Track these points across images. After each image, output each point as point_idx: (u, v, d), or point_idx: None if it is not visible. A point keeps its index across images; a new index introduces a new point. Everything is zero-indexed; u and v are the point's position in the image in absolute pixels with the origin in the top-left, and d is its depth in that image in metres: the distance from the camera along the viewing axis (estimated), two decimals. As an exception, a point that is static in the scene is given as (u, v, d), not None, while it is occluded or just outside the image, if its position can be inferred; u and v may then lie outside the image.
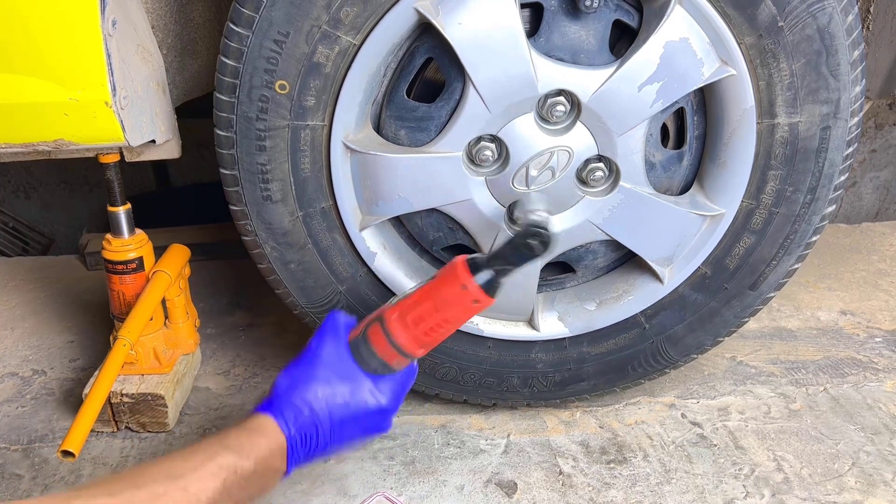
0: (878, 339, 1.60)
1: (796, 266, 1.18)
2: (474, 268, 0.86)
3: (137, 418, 1.29)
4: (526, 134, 1.03)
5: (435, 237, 1.17)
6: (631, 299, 1.21)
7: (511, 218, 1.07)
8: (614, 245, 1.18)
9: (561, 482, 1.19)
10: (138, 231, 1.29)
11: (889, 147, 2.35)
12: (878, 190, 2.42)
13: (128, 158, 1.20)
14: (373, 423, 0.93)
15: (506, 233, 1.11)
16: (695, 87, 1.02)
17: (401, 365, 0.93)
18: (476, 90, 0.99)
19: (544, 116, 1.03)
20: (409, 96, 1.07)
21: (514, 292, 1.17)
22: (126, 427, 1.31)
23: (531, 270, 1.15)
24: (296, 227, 1.11)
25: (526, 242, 0.85)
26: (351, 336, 0.93)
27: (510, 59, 0.97)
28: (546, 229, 0.86)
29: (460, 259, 0.88)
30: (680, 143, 1.14)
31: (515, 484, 1.18)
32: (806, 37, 0.99)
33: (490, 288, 0.86)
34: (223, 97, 1.01)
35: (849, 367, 1.49)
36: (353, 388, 0.91)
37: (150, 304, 1.24)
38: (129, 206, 1.27)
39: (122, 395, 1.27)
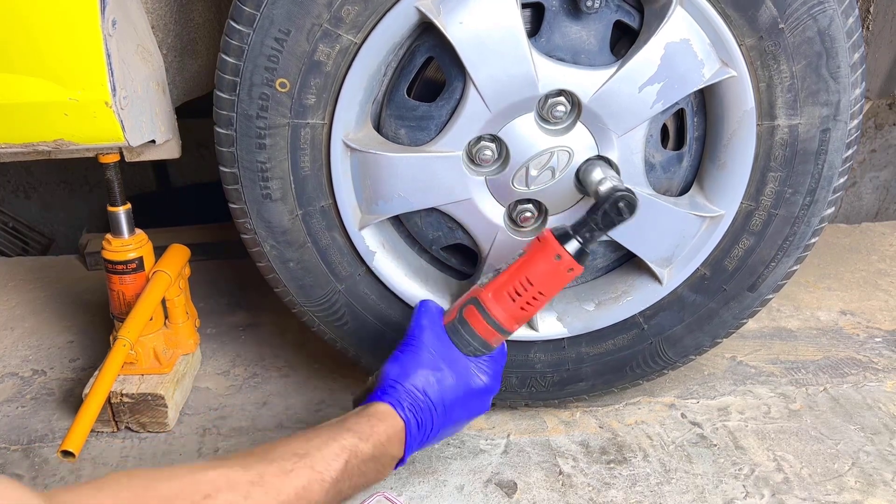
0: (877, 339, 1.60)
1: (795, 268, 1.18)
2: (564, 238, 0.91)
3: (137, 418, 1.29)
4: (526, 134, 1.03)
5: (434, 236, 1.17)
6: (630, 300, 1.21)
7: (582, 188, 1.07)
8: (613, 246, 1.18)
9: (561, 482, 1.19)
10: (138, 231, 1.29)
11: (889, 147, 2.36)
12: (878, 190, 2.42)
13: (128, 158, 1.20)
14: (478, 403, 0.97)
15: (506, 233, 1.11)
16: (695, 89, 1.02)
17: (497, 343, 0.97)
18: (476, 90, 0.99)
19: (545, 116, 1.03)
20: (409, 95, 1.07)
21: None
22: (126, 427, 1.31)
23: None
24: (295, 226, 1.11)
25: (616, 207, 0.90)
26: (445, 321, 0.97)
27: (511, 58, 0.97)
28: (631, 192, 0.91)
29: (548, 231, 0.93)
30: (680, 144, 1.14)
31: (515, 484, 1.18)
32: (806, 39, 0.99)
33: (581, 255, 0.92)
34: (223, 95, 1.01)
35: (849, 367, 1.49)
36: (459, 371, 0.94)
37: (150, 304, 1.24)
38: (129, 206, 1.27)
39: (122, 395, 1.27)
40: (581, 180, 1.06)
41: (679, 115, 1.12)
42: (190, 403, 1.39)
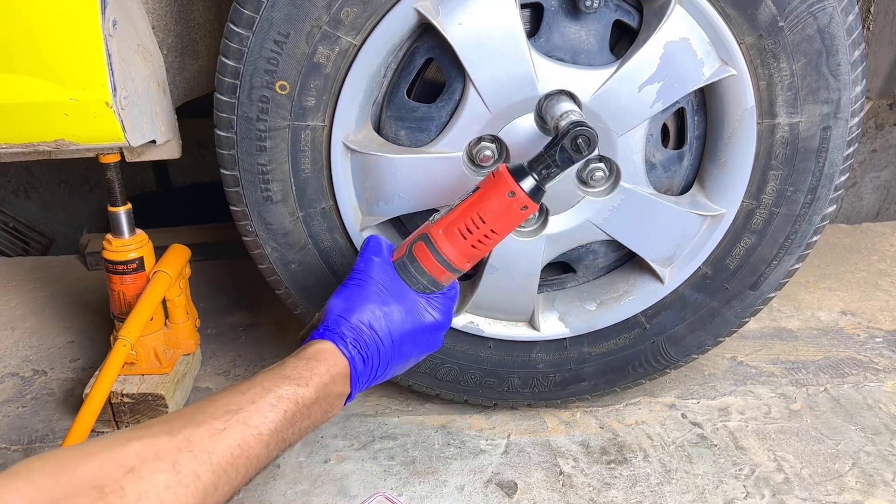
0: (878, 340, 1.60)
1: (797, 266, 1.18)
2: (519, 174, 0.86)
3: (138, 418, 1.29)
4: (526, 134, 1.03)
5: (435, 237, 1.17)
6: (631, 299, 1.21)
7: (542, 124, 1.03)
8: (615, 245, 1.18)
9: (561, 482, 1.19)
10: (139, 231, 1.29)
11: (889, 147, 2.35)
12: (879, 190, 2.42)
13: (128, 158, 1.20)
14: (429, 339, 0.94)
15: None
16: (695, 88, 1.02)
17: (448, 281, 0.93)
18: (476, 90, 0.99)
19: (545, 117, 1.03)
20: (409, 96, 1.07)
21: (515, 292, 1.17)
22: (127, 427, 1.31)
23: (532, 270, 1.15)
24: (296, 228, 1.11)
25: (574, 142, 0.84)
26: (394, 257, 0.93)
27: (510, 59, 0.97)
28: (590, 127, 0.85)
29: (503, 166, 0.87)
30: (680, 143, 1.14)
31: (516, 484, 1.18)
32: (806, 37, 0.99)
33: (536, 193, 0.86)
34: (223, 98, 1.01)
35: (849, 367, 1.49)
36: (408, 306, 0.90)
37: (150, 305, 1.24)
38: (129, 206, 1.27)
39: (122, 395, 1.27)
40: (542, 115, 1.02)
41: (679, 115, 1.12)
42: (190, 403, 1.39)
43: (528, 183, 0.85)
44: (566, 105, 0.97)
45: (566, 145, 0.85)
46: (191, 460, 0.65)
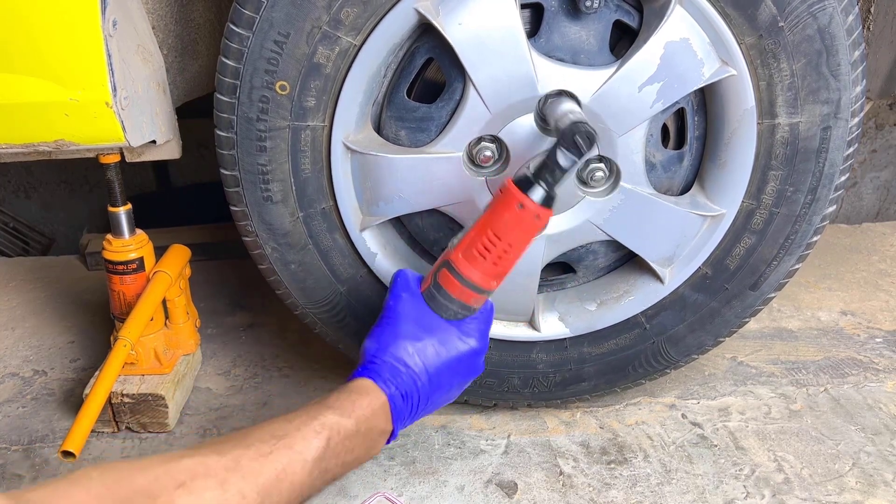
0: (878, 340, 1.60)
1: (797, 266, 1.18)
2: (525, 184, 0.85)
3: (138, 419, 1.29)
4: (526, 134, 1.03)
5: (435, 238, 1.17)
6: (632, 299, 1.21)
7: (544, 126, 1.03)
8: (615, 245, 1.18)
9: (561, 482, 1.19)
10: (139, 231, 1.29)
11: (889, 147, 2.35)
12: (879, 190, 2.42)
13: (128, 159, 1.20)
14: (467, 366, 0.94)
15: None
16: (695, 88, 1.02)
17: (479, 303, 0.92)
18: (476, 90, 0.99)
19: (546, 118, 1.03)
20: (409, 97, 1.07)
21: (515, 292, 1.17)
22: (127, 427, 1.31)
23: (532, 270, 1.15)
24: (296, 228, 1.11)
25: (573, 142, 0.84)
26: (422, 288, 0.93)
27: (510, 59, 0.97)
28: (587, 124, 0.85)
29: (508, 179, 0.87)
30: (680, 143, 1.14)
31: (516, 484, 1.18)
32: (806, 37, 0.99)
33: (547, 200, 0.86)
34: (223, 98, 1.01)
35: (849, 367, 1.49)
36: (441, 338, 0.91)
37: (150, 305, 1.24)
38: (129, 206, 1.27)
39: (122, 395, 1.27)
40: (543, 116, 1.01)
41: (679, 115, 1.12)
42: (190, 404, 1.39)
43: (537, 192, 0.85)
44: (567, 105, 0.97)
45: (566, 146, 0.84)
46: (238, 480, 0.69)
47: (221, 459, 0.70)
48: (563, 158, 0.85)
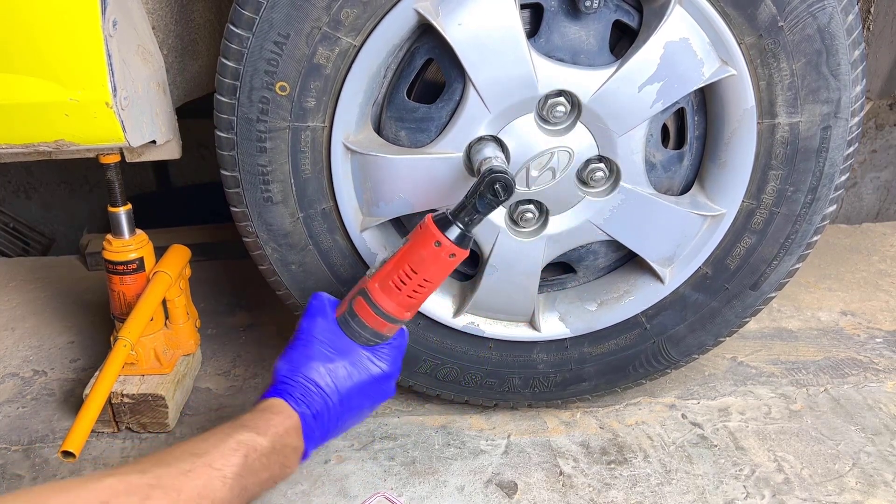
0: (878, 340, 1.60)
1: (797, 266, 1.18)
2: (444, 224, 0.89)
3: (138, 419, 1.29)
4: (526, 134, 1.03)
5: (435, 238, 1.17)
6: (632, 299, 1.21)
7: (471, 169, 1.05)
8: (615, 245, 1.18)
9: (561, 483, 1.19)
10: (139, 231, 1.29)
11: (889, 147, 2.35)
12: (879, 190, 2.42)
13: (128, 159, 1.20)
14: (379, 390, 0.96)
15: (507, 233, 1.11)
16: (695, 88, 1.02)
17: (392, 331, 0.95)
18: (476, 91, 0.99)
19: (545, 117, 1.03)
20: (409, 97, 1.07)
21: (516, 293, 1.17)
22: (127, 427, 1.31)
23: (532, 271, 1.15)
24: (297, 229, 1.11)
25: (491, 188, 0.88)
26: (337, 314, 0.95)
27: (510, 59, 0.97)
28: (506, 173, 0.89)
29: (429, 217, 0.90)
30: (680, 143, 1.14)
31: (516, 484, 1.18)
32: (806, 36, 0.99)
33: (463, 240, 0.89)
34: (223, 99, 1.01)
35: (849, 367, 1.49)
36: (352, 360, 0.93)
37: (150, 305, 1.24)
38: (129, 206, 1.27)
39: (122, 395, 1.27)
40: (470, 157, 1.04)
41: (679, 115, 1.12)
42: (190, 404, 1.39)
43: (454, 231, 0.88)
44: (489, 150, 1.00)
45: (484, 192, 0.88)
46: (161, 496, 0.70)
47: (143, 477, 0.71)
48: (481, 203, 0.88)
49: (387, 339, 0.96)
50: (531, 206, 1.11)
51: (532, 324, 1.23)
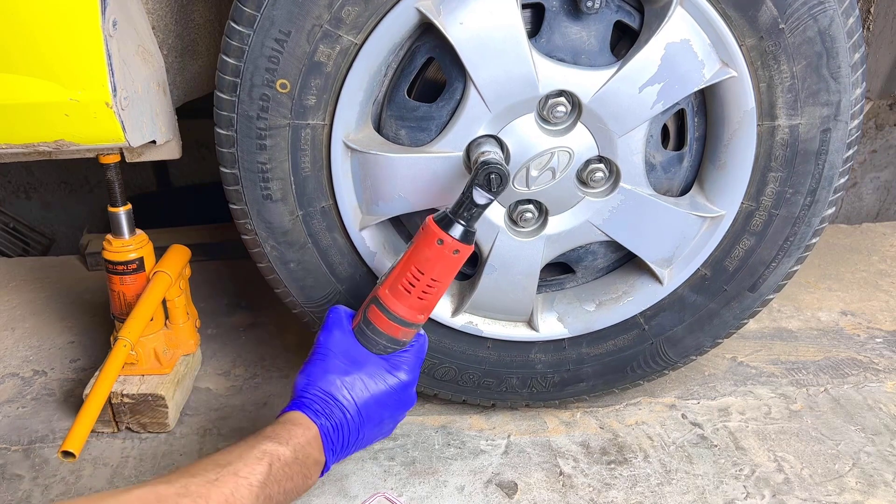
0: (878, 340, 1.60)
1: (796, 268, 1.18)
2: (445, 222, 0.91)
3: (138, 419, 1.29)
4: (526, 134, 1.03)
5: (435, 238, 1.17)
6: (630, 300, 1.21)
7: (470, 168, 1.05)
8: (614, 246, 1.18)
9: (561, 483, 1.19)
10: (139, 231, 1.29)
11: (889, 147, 2.35)
12: (879, 190, 2.42)
13: (128, 159, 1.20)
14: (398, 399, 0.97)
15: (506, 233, 1.11)
16: (695, 89, 1.02)
17: (408, 336, 0.96)
18: (477, 90, 0.99)
19: (545, 117, 1.03)
20: (409, 96, 1.07)
21: (514, 292, 1.17)
22: (126, 427, 1.31)
23: (531, 271, 1.15)
24: (296, 227, 1.11)
25: (486, 179, 0.89)
26: (353, 325, 0.98)
27: (511, 59, 0.97)
28: (500, 164, 0.90)
29: (430, 218, 0.92)
30: (680, 144, 1.14)
31: (516, 484, 1.18)
32: (807, 39, 0.99)
33: (466, 236, 0.91)
34: (224, 95, 1.01)
35: (849, 367, 1.49)
36: (369, 371, 0.94)
37: (150, 305, 1.24)
38: (129, 206, 1.27)
39: (122, 395, 1.27)
40: (470, 157, 1.05)
41: (679, 116, 1.12)
42: (190, 404, 1.39)
43: (456, 229, 0.90)
44: (487, 146, 1.02)
45: (480, 183, 0.89)
46: None
47: (171, 487, 0.73)
48: (477, 195, 0.90)
49: (403, 346, 0.97)
50: (531, 206, 1.11)
51: (530, 324, 1.23)
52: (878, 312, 1.71)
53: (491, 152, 0.98)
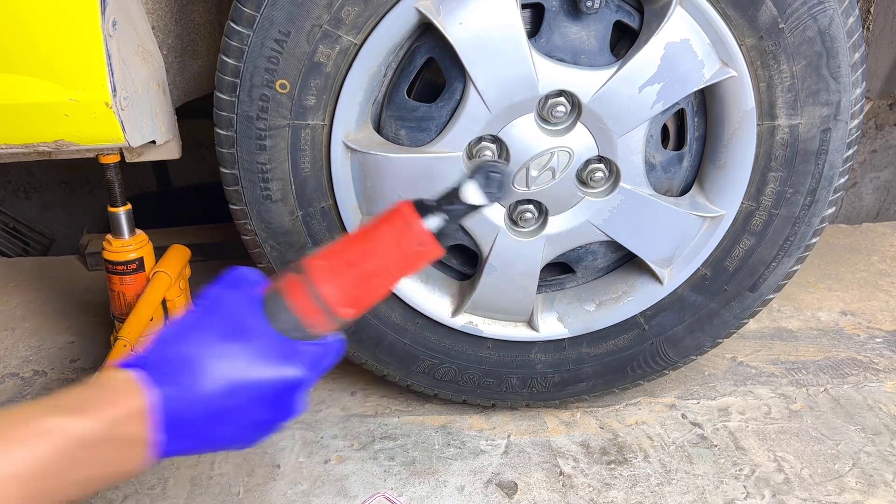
0: (878, 340, 1.60)
1: (796, 268, 1.18)
2: (422, 208, 0.72)
3: (137, 418, 1.29)
4: (526, 134, 1.03)
5: (435, 238, 1.17)
6: (630, 300, 1.21)
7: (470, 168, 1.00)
8: (614, 246, 1.18)
9: (561, 483, 1.19)
10: (139, 231, 1.29)
11: (889, 147, 2.35)
12: (879, 190, 2.42)
13: (128, 159, 1.20)
14: (282, 397, 0.69)
15: (506, 233, 1.11)
16: (695, 89, 1.02)
17: (319, 327, 0.71)
18: (477, 90, 0.99)
19: (545, 117, 1.03)
20: (409, 96, 1.07)
21: (514, 292, 1.17)
22: (126, 427, 1.30)
23: (531, 271, 1.15)
24: (296, 227, 1.11)
25: (486, 181, 0.72)
26: (265, 291, 0.72)
27: (511, 59, 0.97)
28: (503, 165, 0.78)
29: (405, 200, 0.73)
30: (680, 144, 1.14)
31: (516, 484, 1.18)
32: (807, 38, 0.99)
33: (440, 233, 0.71)
34: (224, 96, 1.01)
35: (849, 367, 1.49)
36: (259, 347, 0.67)
37: (150, 305, 1.24)
38: (129, 206, 1.26)
39: (122, 395, 1.27)
40: (470, 157, 1.03)
41: (679, 116, 1.12)
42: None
43: (432, 220, 0.71)
44: (490, 152, 1.01)
45: (478, 180, 0.73)
46: None
47: None
48: (470, 194, 0.72)
49: (309, 339, 0.70)
50: (530, 206, 1.11)
51: (530, 324, 1.23)
52: (878, 312, 1.71)
53: (499, 161, 0.92)
